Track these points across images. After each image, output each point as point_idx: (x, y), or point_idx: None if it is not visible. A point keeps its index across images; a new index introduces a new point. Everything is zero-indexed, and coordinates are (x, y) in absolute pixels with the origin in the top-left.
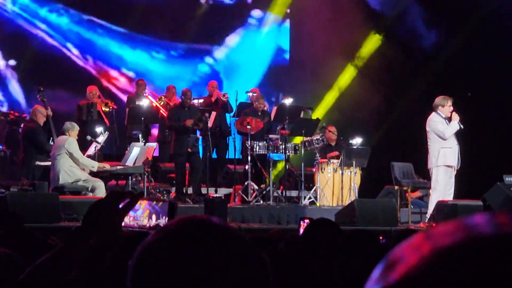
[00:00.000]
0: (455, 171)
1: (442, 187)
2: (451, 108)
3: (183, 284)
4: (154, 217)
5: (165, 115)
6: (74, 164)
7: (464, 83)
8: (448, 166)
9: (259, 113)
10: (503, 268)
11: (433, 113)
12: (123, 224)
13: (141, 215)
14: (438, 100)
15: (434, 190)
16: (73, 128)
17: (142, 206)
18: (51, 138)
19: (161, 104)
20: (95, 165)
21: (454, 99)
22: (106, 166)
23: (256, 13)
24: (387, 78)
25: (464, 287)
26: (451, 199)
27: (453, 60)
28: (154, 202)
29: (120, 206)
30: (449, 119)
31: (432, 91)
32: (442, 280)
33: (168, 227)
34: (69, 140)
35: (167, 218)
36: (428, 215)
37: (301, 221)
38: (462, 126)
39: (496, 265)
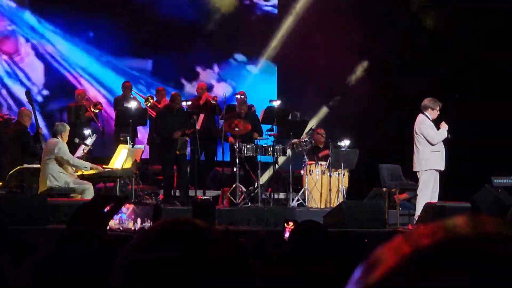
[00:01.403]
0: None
1: (430, 189)
2: (439, 112)
3: (167, 286)
4: (139, 220)
5: (153, 115)
6: (63, 170)
7: (452, 85)
8: (436, 170)
9: (243, 117)
10: (482, 268)
11: (421, 115)
12: (108, 227)
13: (126, 219)
14: (428, 102)
15: (421, 192)
16: (65, 130)
17: (128, 210)
18: (39, 145)
19: (148, 105)
20: (87, 165)
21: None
22: (99, 168)
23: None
24: (375, 80)
25: (443, 287)
26: (436, 200)
27: (442, 61)
28: (139, 206)
29: (105, 210)
30: (435, 122)
31: (420, 92)
32: (421, 280)
33: (151, 229)
34: (59, 144)
35: (151, 222)
36: (416, 217)
37: (285, 224)
38: (450, 136)
39: (475, 265)
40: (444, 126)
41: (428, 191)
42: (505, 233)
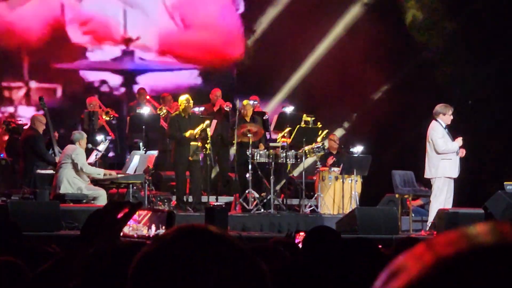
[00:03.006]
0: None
1: (444, 196)
2: (451, 117)
3: None
4: (153, 227)
5: (165, 125)
6: (78, 176)
7: (465, 91)
8: (449, 177)
9: (248, 120)
10: (505, 278)
11: (434, 122)
12: (122, 233)
13: (141, 225)
14: (439, 108)
15: (434, 198)
16: (82, 138)
17: (142, 216)
18: (51, 151)
19: (162, 115)
20: (100, 172)
21: (454, 108)
22: (113, 173)
23: None
24: (388, 87)
25: None
26: (450, 207)
27: (455, 68)
28: (153, 212)
29: (119, 216)
30: (449, 127)
31: (433, 99)
32: None
33: (166, 236)
34: (77, 151)
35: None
36: (429, 223)
37: (296, 234)
38: (462, 154)
39: (498, 275)
40: (458, 141)
41: (441, 198)
42: None
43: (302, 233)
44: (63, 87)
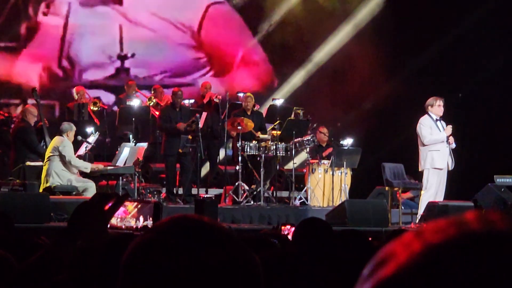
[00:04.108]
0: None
1: (433, 188)
2: (441, 108)
3: (175, 284)
4: (141, 218)
5: (156, 115)
6: (66, 168)
7: (455, 84)
8: (437, 168)
9: (249, 113)
10: (494, 265)
11: (425, 115)
12: (109, 225)
13: (129, 217)
14: (428, 100)
15: (425, 191)
16: (71, 129)
17: (130, 208)
18: (43, 143)
19: (151, 105)
20: (88, 166)
21: (444, 99)
22: (100, 166)
23: None
24: (378, 79)
25: (454, 284)
26: (442, 200)
27: (445, 60)
28: (140, 203)
29: (106, 208)
30: (442, 118)
31: (424, 92)
32: (433, 276)
33: (160, 226)
34: (64, 143)
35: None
36: (419, 216)
37: (282, 226)
38: (453, 145)
39: (487, 262)
40: (446, 131)
41: (431, 190)
42: None
43: (288, 226)
44: (60, 104)
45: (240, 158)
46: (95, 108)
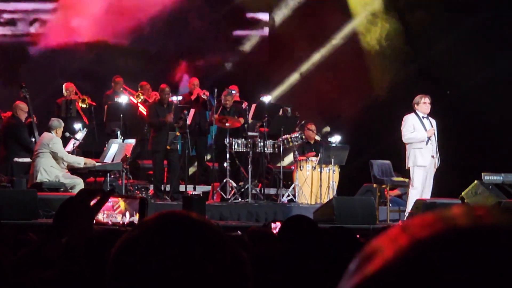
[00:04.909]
0: (435, 170)
1: (420, 186)
2: (427, 105)
3: (163, 280)
4: (128, 214)
5: (143, 111)
6: (55, 164)
7: (443, 81)
8: (420, 166)
9: (228, 109)
10: (480, 260)
11: (412, 113)
12: (95, 221)
13: (116, 213)
14: (415, 98)
15: (411, 189)
16: (60, 126)
17: (117, 204)
18: (33, 139)
19: (139, 101)
20: (81, 161)
21: (431, 97)
22: (93, 162)
23: None
24: (365, 76)
25: (441, 278)
26: (428, 197)
27: (434, 58)
28: (125, 199)
29: (91, 204)
30: (431, 116)
31: (412, 89)
32: (419, 271)
33: (147, 222)
34: (54, 140)
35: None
36: (406, 213)
37: (272, 223)
38: (429, 134)
39: (473, 257)
40: (429, 132)
41: (418, 188)
42: (503, 224)
43: (278, 223)
44: None
45: (228, 155)
46: (84, 105)
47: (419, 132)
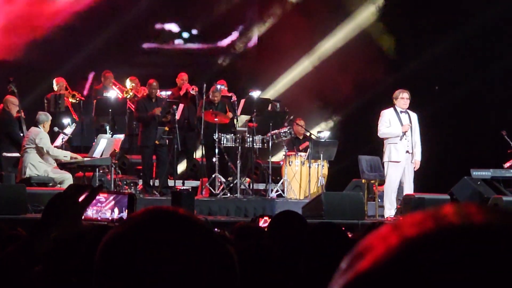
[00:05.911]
0: (414, 165)
1: (394, 181)
2: (405, 100)
3: (149, 275)
4: (116, 210)
5: (132, 106)
6: (43, 159)
7: (431, 77)
8: (394, 161)
9: (216, 105)
10: (471, 259)
11: (390, 108)
12: (85, 217)
13: (105, 208)
14: (395, 93)
15: (385, 184)
16: (48, 120)
17: (106, 199)
18: (21, 132)
19: (128, 97)
20: (67, 155)
21: (410, 92)
22: (79, 157)
23: None
24: (355, 71)
25: (431, 277)
26: (411, 192)
27: (421, 54)
28: (114, 195)
29: (80, 199)
30: (411, 109)
31: (399, 84)
32: (409, 269)
33: (135, 218)
34: (41, 135)
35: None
36: (385, 209)
37: (259, 218)
38: (404, 129)
39: (464, 255)
40: (404, 128)
41: (392, 184)
42: (493, 223)
43: (266, 218)
44: None
45: (216, 150)
46: (74, 100)
47: (394, 128)
